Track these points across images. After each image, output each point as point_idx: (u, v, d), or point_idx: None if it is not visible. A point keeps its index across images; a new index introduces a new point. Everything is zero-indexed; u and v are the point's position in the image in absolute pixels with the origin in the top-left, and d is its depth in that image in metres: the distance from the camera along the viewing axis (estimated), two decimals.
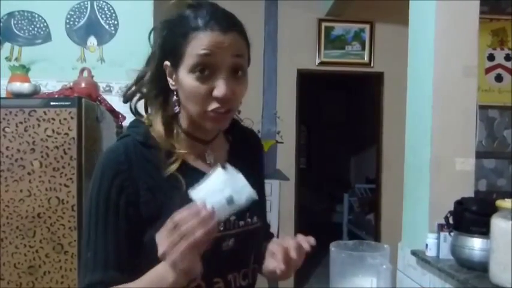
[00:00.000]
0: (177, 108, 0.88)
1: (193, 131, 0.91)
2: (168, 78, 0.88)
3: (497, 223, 1.42)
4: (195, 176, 0.83)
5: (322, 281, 4.38)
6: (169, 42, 0.86)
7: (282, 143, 4.14)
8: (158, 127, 0.88)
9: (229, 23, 0.84)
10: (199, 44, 0.81)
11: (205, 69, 0.81)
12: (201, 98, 0.83)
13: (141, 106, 0.96)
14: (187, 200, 0.77)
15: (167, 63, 0.87)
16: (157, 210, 0.83)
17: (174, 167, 0.86)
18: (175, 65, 0.85)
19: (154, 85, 0.89)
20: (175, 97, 0.88)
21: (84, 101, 2.05)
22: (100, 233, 0.84)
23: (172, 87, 0.88)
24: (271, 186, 4.11)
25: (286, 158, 4.15)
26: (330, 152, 6.89)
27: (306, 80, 4.28)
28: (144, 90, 0.92)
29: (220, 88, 0.81)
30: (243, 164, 0.90)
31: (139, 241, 0.84)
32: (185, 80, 0.83)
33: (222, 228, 0.87)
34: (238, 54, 0.84)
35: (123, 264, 0.84)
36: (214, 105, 0.83)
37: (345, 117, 6.92)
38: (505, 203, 1.40)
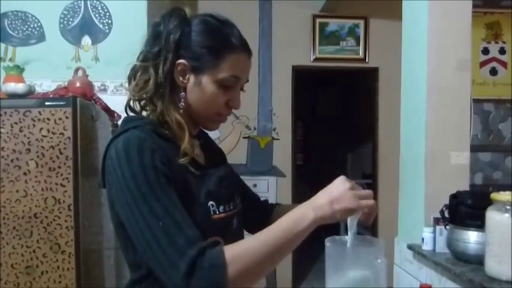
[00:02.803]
0: (182, 104, 0.94)
1: (187, 126, 0.96)
2: (178, 76, 0.93)
3: (492, 216, 1.42)
4: (195, 165, 0.93)
5: (319, 277, 4.39)
6: (195, 48, 0.92)
7: (278, 139, 4.15)
8: (177, 117, 0.93)
9: (250, 49, 0.98)
10: (235, 65, 0.94)
11: (230, 85, 0.94)
12: (218, 105, 0.95)
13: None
14: (201, 186, 0.90)
15: (183, 62, 0.92)
16: (182, 193, 0.86)
17: (190, 157, 0.91)
18: (197, 69, 0.92)
19: (168, 81, 0.93)
20: (183, 93, 0.94)
21: (79, 101, 2.05)
22: (166, 203, 0.81)
23: (181, 85, 0.94)
24: (268, 183, 4.12)
25: (282, 154, 4.16)
26: (327, 147, 6.89)
27: (301, 76, 4.28)
28: (153, 85, 0.93)
29: (237, 102, 0.98)
30: (215, 152, 1.10)
31: None
32: (208, 86, 0.93)
33: (232, 208, 0.97)
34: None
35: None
36: (225, 112, 0.98)
37: (340, 113, 6.92)
38: (500, 196, 1.41)
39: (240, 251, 0.79)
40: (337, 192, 0.85)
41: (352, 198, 0.85)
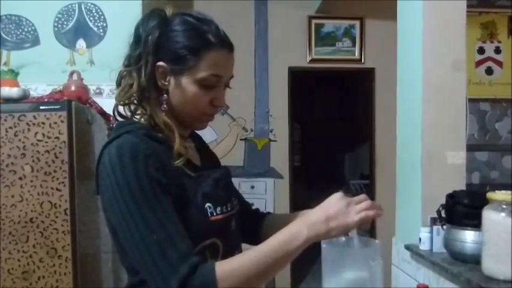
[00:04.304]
0: (165, 106, 0.93)
1: (176, 127, 0.95)
2: (160, 78, 0.92)
3: (488, 215, 1.42)
4: (191, 166, 0.93)
5: (318, 278, 4.38)
6: (172, 49, 0.91)
7: (275, 141, 4.14)
8: (165, 119, 0.92)
9: (231, 43, 0.95)
10: (213, 63, 0.91)
11: (212, 84, 0.92)
12: (202, 105, 0.93)
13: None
14: (197, 188, 0.89)
15: (162, 64, 0.91)
16: (178, 196, 0.86)
17: (185, 158, 0.91)
18: (176, 71, 0.91)
19: (151, 84, 0.92)
20: (165, 96, 0.93)
21: (74, 104, 2.04)
22: (160, 215, 0.81)
23: (163, 87, 0.93)
24: (266, 184, 4.11)
25: (279, 156, 4.15)
26: (324, 148, 6.90)
27: (298, 78, 4.28)
28: (137, 88, 0.92)
29: (221, 99, 0.95)
30: (208, 154, 1.09)
31: None
32: (189, 87, 0.91)
33: (230, 209, 0.97)
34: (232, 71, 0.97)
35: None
36: (211, 111, 0.96)
37: (338, 114, 6.93)
38: (496, 195, 1.41)
39: (231, 268, 0.80)
40: (333, 209, 0.84)
41: (348, 215, 0.84)
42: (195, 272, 0.78)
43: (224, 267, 0.80)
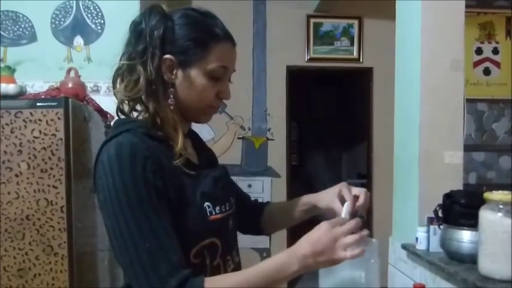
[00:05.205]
0: (173, 100, 0.93)
1: (179, 124, 0.94)
2: (166, 72, 0.92)
3: (485, 215, 1.43)
4: (189, 165, 0.92)
5: (314, 278, 4.38)
6: (180, 42, 0.91)
7: (272, 140, 4.14)
8: (171, 115, 0.92)
9: (233, 38, 0.97)
10: (222, 55, 0.93)
11: (219, 76, 0.94)
12: (209, 98, 0.95)
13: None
14: (196, 187, 0.89)
15: (170, 57, 0.91)
16: (177, 196, 0.86)
17: (184, 157, 0.90)
18: (185, 63, 0.91)
19: (158, 78, 0.91)
20: (172, 89, 0.93)
21: (71, 101, 2.03)
22: (154, 223, 0.80)
23: (170, 81, 0.92)
24: (263, 183, 4.11)
25: (277, 155, 4.15)
26: (322, 147, 6.90)
27: (296, 77, 4.27)
28: (144, 82, 0.91)
29: (227, 92, 0.97)
30: (206, 152, 1.10)
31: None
32: (198, 79, 0.92)
33: (228, 208, 0.97)
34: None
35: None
36: (216, 104, 0.97)
37: (335, 113, 6.93)
38: (492, 195, 1.41)
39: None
40: (321, 245, 0.82)
41: (335, 252, 0.82)
42: (184, 286, 0.78)
43: (213, 285, 0.80)
